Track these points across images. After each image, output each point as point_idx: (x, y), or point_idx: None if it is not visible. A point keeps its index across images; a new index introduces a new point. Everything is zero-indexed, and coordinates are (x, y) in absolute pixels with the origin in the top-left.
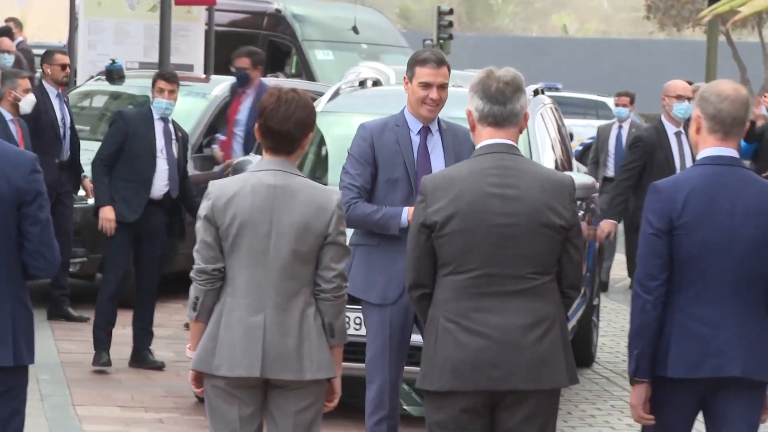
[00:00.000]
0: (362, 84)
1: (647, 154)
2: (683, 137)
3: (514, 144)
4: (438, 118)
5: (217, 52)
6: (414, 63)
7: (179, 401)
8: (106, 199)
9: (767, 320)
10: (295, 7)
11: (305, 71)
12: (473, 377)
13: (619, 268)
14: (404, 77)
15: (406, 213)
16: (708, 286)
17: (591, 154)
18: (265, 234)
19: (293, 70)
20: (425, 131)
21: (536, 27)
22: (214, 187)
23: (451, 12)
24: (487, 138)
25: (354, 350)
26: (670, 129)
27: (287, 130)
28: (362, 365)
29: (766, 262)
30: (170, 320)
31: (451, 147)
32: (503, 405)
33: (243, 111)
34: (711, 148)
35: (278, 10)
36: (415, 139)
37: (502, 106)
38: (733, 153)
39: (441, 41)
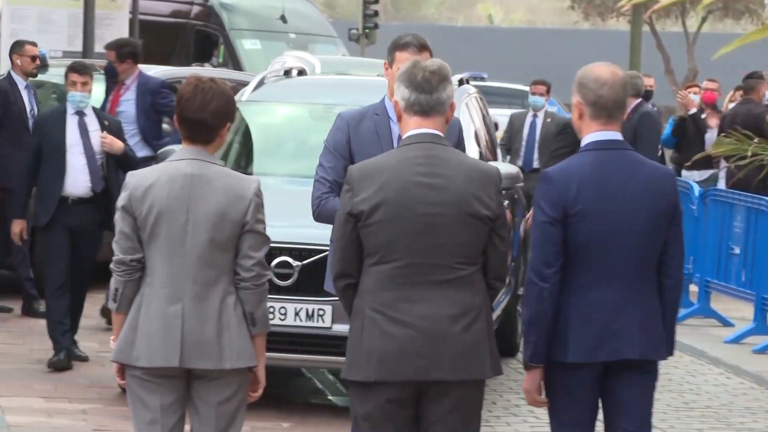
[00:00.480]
0: (287, 73)
1: (576, 141)
2: None
3: (441, 134)
4: None
5: (145, 41)
6: (394, 48)
7: (103, 392)
8: (18, 211)
9: (658, 302)
10: None
11: (232, 61)
12: (399, 368)
13: None
14: (384, 63)
15: None
16: (603, 272)
17: (502, 142)
18: (182, 223)
19: (221, 60)
20: None
21: (462, 16)
22: (132, 177)
23: (376, 1)
24: (413, 127)
25: (279, 340)
26: None
27: (203, 119)
28: (288, 355)
29: (656, 245)
30: (93, 311)
31: None
32: (429, 395)
33: (124, 104)
34: (595, 133)
35: (206, 0)
36: (395, 129)
37: (428, 95)
38: (617, 136)
39: (366, 30)
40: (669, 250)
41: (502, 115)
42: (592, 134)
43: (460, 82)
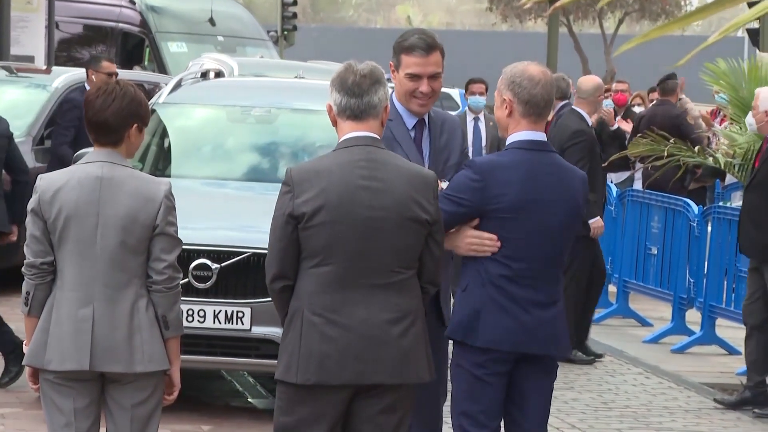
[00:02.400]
0: (204, 75)
1: (593, 149)
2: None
3: (378, 137)
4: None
5: (69, 43)
6: (400, 50)
7: (21, 396)
8: None
9: (563, 298)
10: None
11: (157, 63)
12: (339, 371)
13: None
14: (390, 63)
15: None
16: (523, 266)
17: None
18: (91, 226)
19: (145, 63)
20: (420, 126)
21: (380, 18)
22: (42, 180)
23: (294, 3)
24: (348, 131)
25: (199, 343)
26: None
27: (103, 120)
28: (207, 358)
29: (566, 244)
30: (12, 314)
31: (438, 140)
32: (363, 395)
33: None
34: (525, 131)
35: (132, 1)
36: (409, 124)
37: (358, 98)
38: (543, 137)
39: (285, 32)
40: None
41: None
42: (521, 132)
43: None
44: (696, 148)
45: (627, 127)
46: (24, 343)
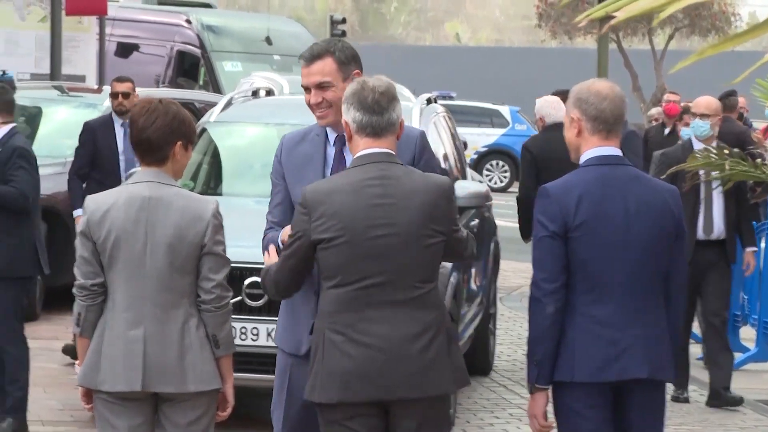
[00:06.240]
0: (255, 94)
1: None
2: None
3: (392, 152)
4: None
5: (124, 62)
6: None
7: (76, 414)
8: None
9: (665, 319)
10: (207, 18)
11: (212, 82)
12: (361, 388)
13: (515, 276)
14: None
15: (281, 234)
16: (607, 288)
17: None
18: (140, 247)
19: (201, 82)
20: (341, 140)
21: (429, 36)
22: (90, 201)
23: (343, 21)
24: (364, 148)
25: (251, 361)
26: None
27: (146, 138)
28: (259, 376)
29: (661, 261)
30: (67, 333)
31: None
32: (393, 414)
33: None
34: (595, 148)
35: (188, 21)
36: (330, 151)
37: (379, 116)
38: (617, 152)
39: None
40: (672, 269)
41: (470, 134)
42: (592, 150)
43: (428, 101)
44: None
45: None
46: (77, 363)
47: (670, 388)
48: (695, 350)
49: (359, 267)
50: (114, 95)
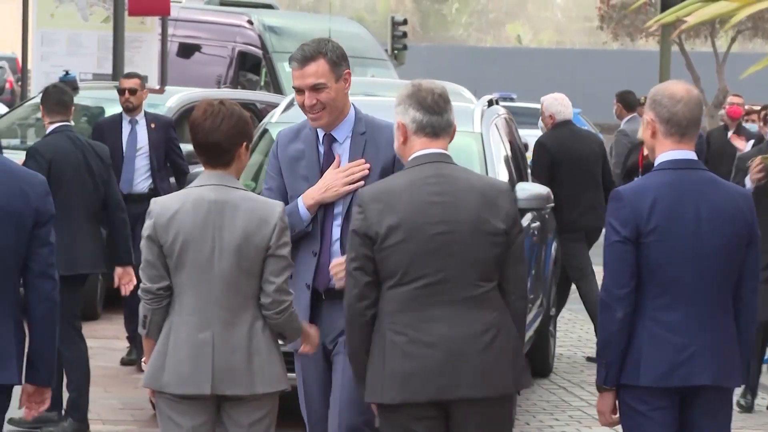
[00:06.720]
0: None
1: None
2: None
3: (448, 153)
4: (361, 120)
5: (186, 63)
6: (290, 62)
7: (136, 413)
8: None
9: (733, 325)
10: (268, 18)
11: (273, 83)
12: (422, 388)
13: None
14: None
15: (302, 204)
16: (677, 293)
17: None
18: (208, 250)
19: (262, 82)
20: (329, 139)
21: (490, 37)
22: (156, 205)
23: (405, 22)
24: (420, 148)
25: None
26: None
27: (216, 142)
28: None
29: (733, 266)
30: (124, 333)
31: (359, 157)
32: (454, 415)
33: None
34: (669, 151)
35: (250, 21)
36: (321, 149)
37: (439, 116)
38: (691, 155)
39: (396, 51)
40: (745, 273)
41: (531, 136)
42: (665, 153)
43: (490, 103)
44: None
45: (739, 143)
46: (143, 360)
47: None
48: None
49: (418, 265)
50: (121, 92)
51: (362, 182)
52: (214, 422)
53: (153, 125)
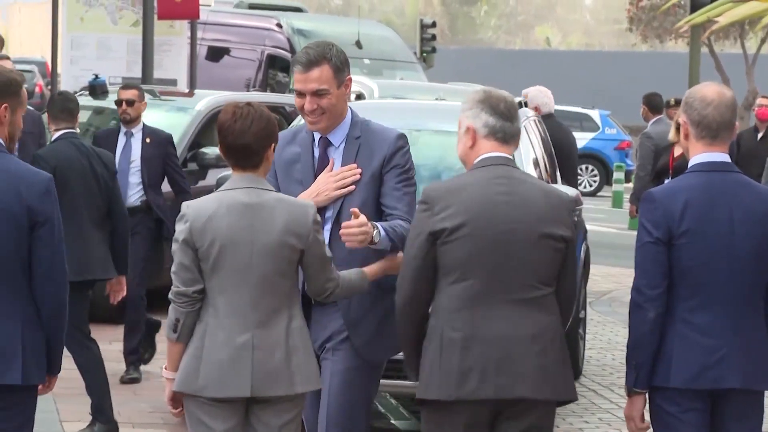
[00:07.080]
0: None
1: None
2: None
3: (513, 158)
4: (357, 125)
5: (215, 66)
6: (293, 64)
7: (166, 416)
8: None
9: (764, 328)
10: (298, 22)
11: None
12: (480, 386)
13: (604, 281)
14: None
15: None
16: (709, 296)
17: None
18: (246, 254)
19: (291, 85)
20: (324, 143)
21: (519, 40)
22: (189, 209)
23: (433, 25)
24: (488, 151)
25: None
26: None
27: (246, 144)
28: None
29: (763, 269)
30: (158, 336)
31: (353, 161)
32: (505, 415)
33: None
34: (701, 154)
35: (279, 25)
36: (316, 152)
37: (510, 123)
38: (724, 158)
39: (424, 54)
40: None
41: None
42: (698, 155)
43: (519, 105)
44: None
45: None
46: (164, 366)
47: None
48: None
49: (480, 261)
50: (118, 103)
51: (353, 187)
52: (243, 425)
53: (149, 140)
